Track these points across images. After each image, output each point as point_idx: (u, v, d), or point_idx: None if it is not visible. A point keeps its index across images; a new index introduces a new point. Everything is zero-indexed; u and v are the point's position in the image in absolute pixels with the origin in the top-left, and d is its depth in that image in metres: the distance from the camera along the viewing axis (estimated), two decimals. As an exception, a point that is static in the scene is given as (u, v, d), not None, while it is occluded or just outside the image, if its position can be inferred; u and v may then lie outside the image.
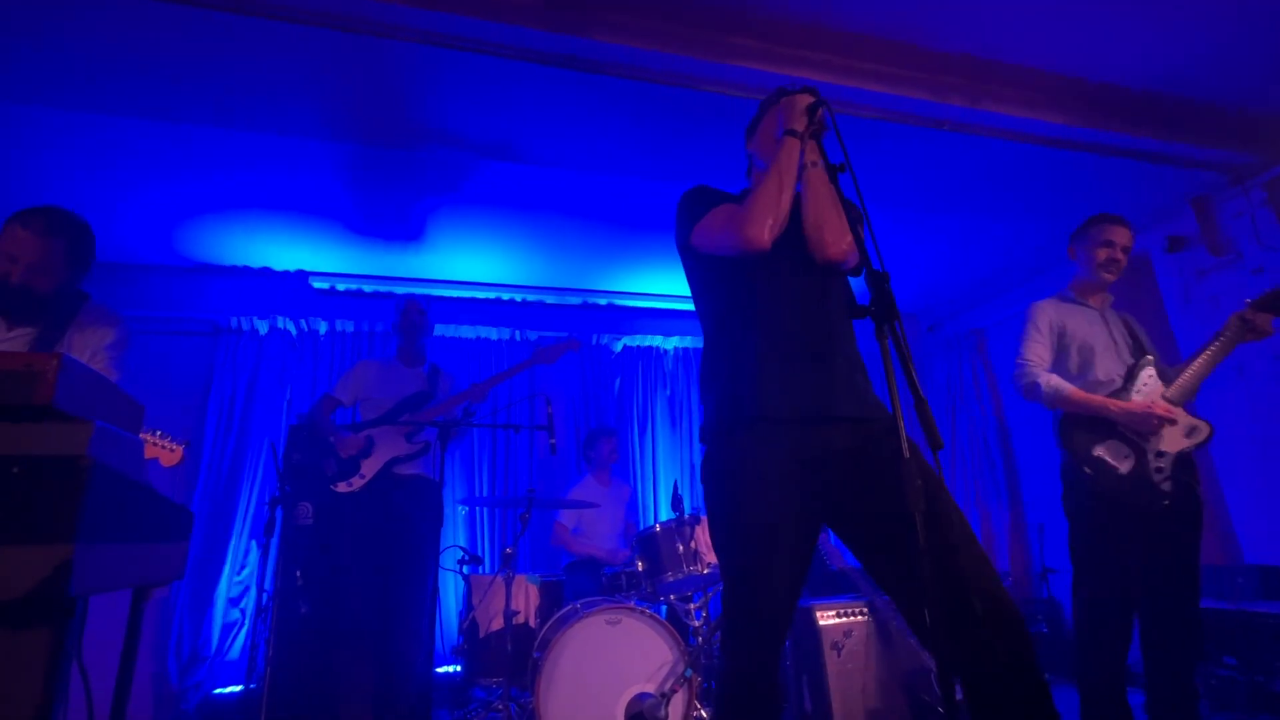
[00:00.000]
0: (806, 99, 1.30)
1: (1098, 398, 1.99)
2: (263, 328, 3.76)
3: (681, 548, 2.51)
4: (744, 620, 1.18)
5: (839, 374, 1.26)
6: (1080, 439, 1.99)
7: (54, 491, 0.83)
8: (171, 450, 1.93)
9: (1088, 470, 1.95)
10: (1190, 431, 1.96)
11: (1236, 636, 2.63)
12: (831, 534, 2.42)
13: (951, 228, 3.72)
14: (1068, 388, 2.03)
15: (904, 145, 2.82)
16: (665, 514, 4.06)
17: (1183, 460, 1.95)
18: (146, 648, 3.21)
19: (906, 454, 0.90)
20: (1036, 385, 2.06)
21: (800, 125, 1.29)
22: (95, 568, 0.87)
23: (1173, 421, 1.93)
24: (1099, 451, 1.96)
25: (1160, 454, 1.94)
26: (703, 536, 2.55)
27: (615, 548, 3.33)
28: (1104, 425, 1.98)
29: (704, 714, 2.32)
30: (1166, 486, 1.91)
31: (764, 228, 1.25)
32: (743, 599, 1.19)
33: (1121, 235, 2.15)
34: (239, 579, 3.42)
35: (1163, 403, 1.96)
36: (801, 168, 1.31)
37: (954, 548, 1.07)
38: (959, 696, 0.97)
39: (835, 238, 1.28)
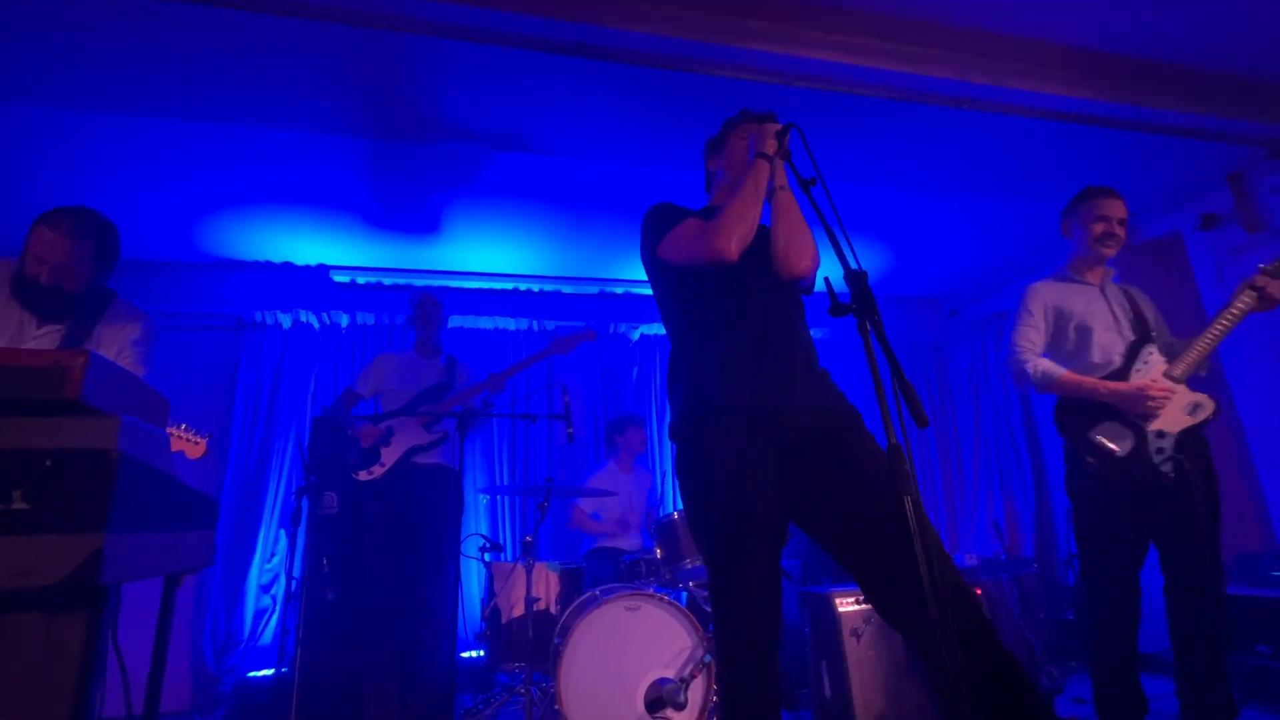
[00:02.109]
0: (776, 125, 1.41)
1: (1088, 380, 1.93)
2: (286, 321, 3.83)
3: (699, 535, 2.51)
4: (732, 609, 1.21)
5: (799, 368, 1.36)
6: (1076, 423, 1.94)
7: (84, 483, 0.86)
8: (196, 443, 1.98)
9: (1086, 455, 1.90)
10: (1193, 409, 1.88)
11: (1271, 624, 2.57)
12: None
13: (974, 209, 3.64)
14: (1058, 372, 1.97)
15: (925, 126, 2.76)
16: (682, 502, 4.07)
17: (1190, 439, 1.87)
18: (184, 633, 3.32)
19: (893, 440, 0.94)
20: (1024, 371, 2.01)
21: (771, 149, 1.40)
22: (126, 556, 0.90)
23: (1168, 397, 1.86)
24: (1096, 434, 1.90)
25: (1160, 434, 1.87)
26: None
27: (630, 534, 3.36)
28: (1102, 407, 1.92)
29: (723, 699, 2.34)
30: (1167, 468, 1.84)
31: (732, 241, 1.34)
32: (727, 586, 1.23)
33: (1115, 208, 2.07)
34: (269, 566, 3.52)
35: (1161, 381, 1.89)
36: (770, 190, 1.42)
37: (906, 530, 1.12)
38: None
39: (799, 257, 1.40)
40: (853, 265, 1.09)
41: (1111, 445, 1.88)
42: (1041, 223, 3.76)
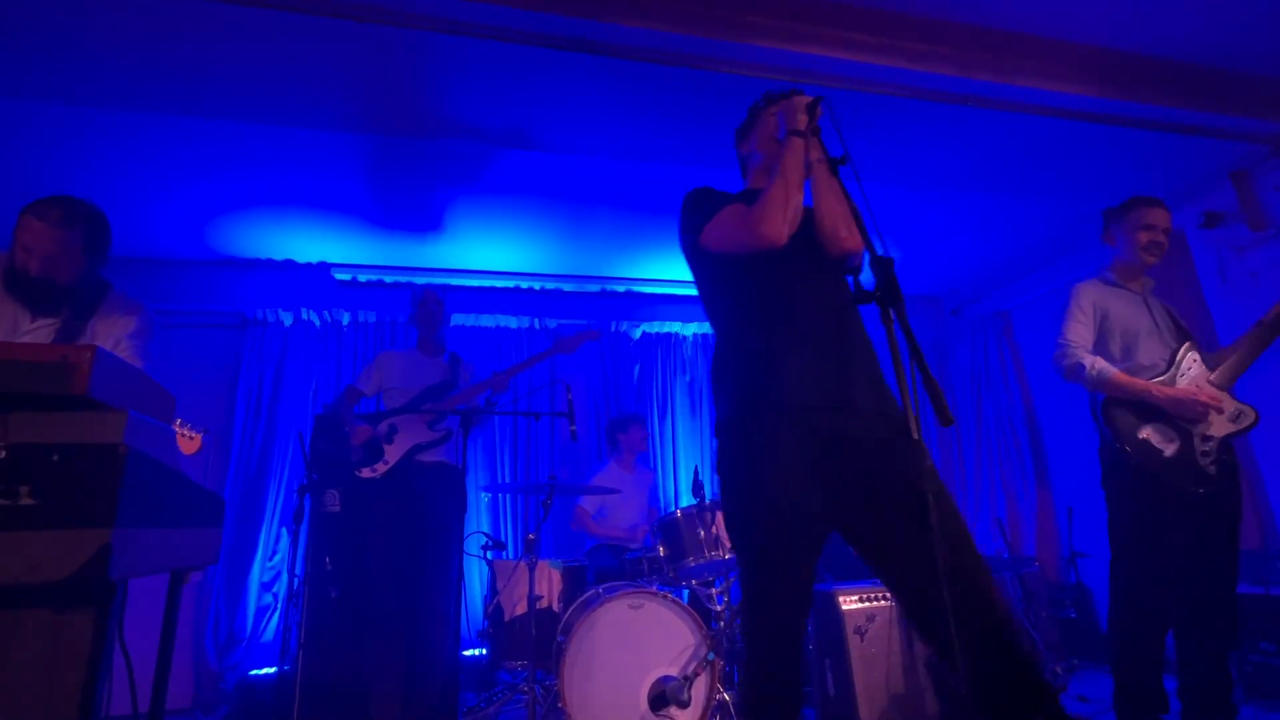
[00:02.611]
0: (805, 99, 1.35)
1: (1141, 382, 1.95)
2: (287, 319, 3.83)
3: (703, 533, 2.51)
4: (763, 608, 1.20)
5: (856, 364, 1.29)
6: (1126, 420, 1.96)
7: (92, 478, 0.86)
8: (190, 438, 1.96)
9: (1129, 451, 1.91)
10: (1236, 416, 1.93)
11: (1273, 622, 2.57)
12: None
13: (977, 207, 3.63)
14: (1112, 371, 1.99)
15: (928, 123, 2.76)
16: (686, 500, 4.08)
17: (1225, 445, 1.92)
18: (186, 631, 3.32)
19: (915, 435, 0.92)
20: (1080, 366, 2.02)
21: (802, 124, 1.34)
22: (133, 552, 0.90)
23: (1219, 408, 1.90)
24: (1144, 433, 1.93)
25: (1207, 439, 1.91)
26: (723, 522, 2.56)
27: (634, 531, 3.35)
28: (1149, 408, 1.95)
29: (726, 697, 2.34)
30: (1212, 470, 1.88)
31: (780, 225, 1.28)
32: (761, 587, 1.21)
33: (1162, 218, 2.10)
34: (271, 564, 3.52)
35: (1209, 388, 1.92)
36: (808, 165, 1.35)
37: (957, 548, 1.10)
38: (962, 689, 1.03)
39: (849, 230, 1.33)
40: (879, 250, 1.05)
41: (1159, 446, 1.91)
42: (1045, 221, 3.76)
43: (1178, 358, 2.00)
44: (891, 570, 1.20)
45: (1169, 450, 1.89)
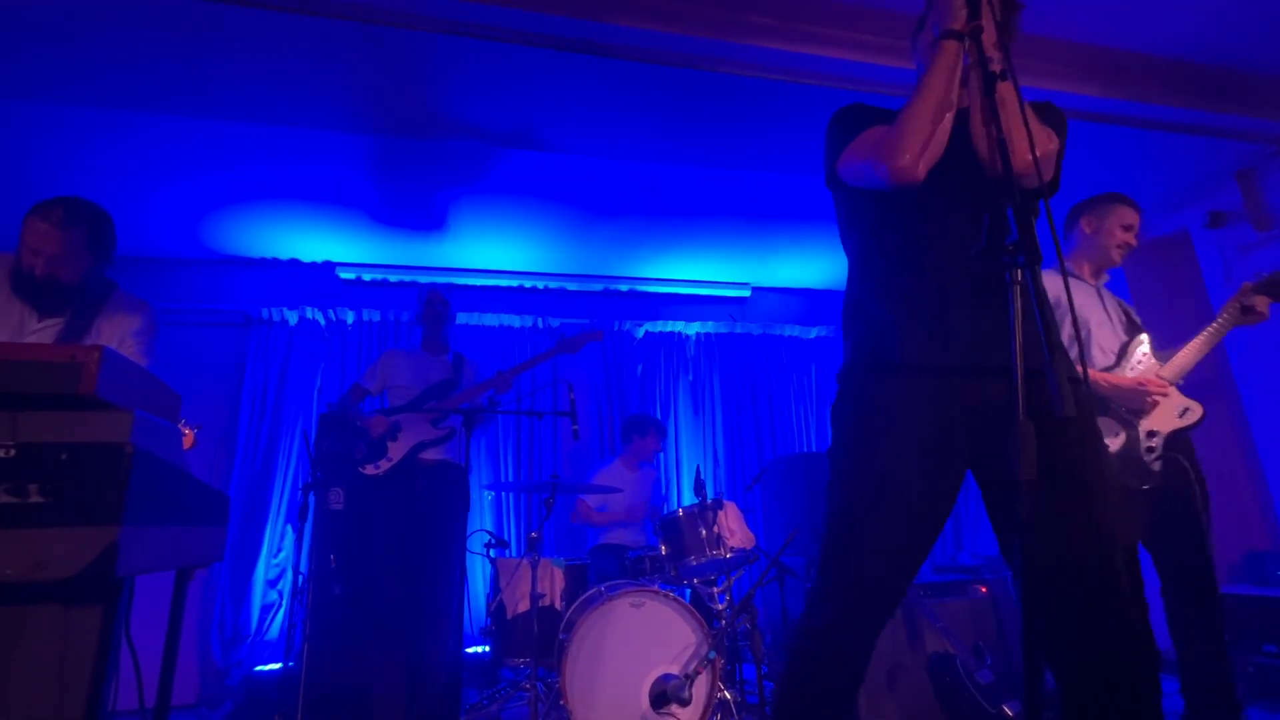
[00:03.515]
0: None
1: (1090, 371, 1.95)
2: (292, 318, 3.85)
3: (704, 532, 2.52)
4: (846, 585, 1.07)
5: (997, 319, 1.07)
6: None
7: (99, 477, 0.87)
8: (185, 433, 1.96)
9: None
10: (1183, 412, 1.91)
11: (1277, 623, 2.56)
12: None
13: (980, 207, 3.62)
14: None
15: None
16: (688, 499, 4.08)
17: (1177, 441, 1.90)
18: (192, 627, 3.34)
19: (1022, 415, 0.80)
20: None
21: (959, 23, 1.08)
22: (140, 549, 0.91)
23: (1165, 394, 1.88)
24: None
25: (1151, 433, 1.89)
26: (725, 521, 2.56)
27: (634, 509, 3.37)
28: (1095, 399, 1.93)
29: (727, 695, 2.34)
30: (1156, 466, 1.87)
31: (915, 156, 1.07)
32: (849, 561, 1.08)
33: (1137, 220, 2.09)
34: (276, 562, 3.54)
35: (1156, 378, 1.91)
36: (967, 70, 1.12)
37: (1074, 543, 0.96)
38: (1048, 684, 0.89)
39: (1019, 150, 1.04)
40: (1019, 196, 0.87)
41: (1104, 440, 1.88)
42: (1041, 219, 3.74)
43: (1128, 349, 1.99)
44: (1003, 548, 1.09)
45: (1113, 444, 1.88)
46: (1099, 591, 0.95)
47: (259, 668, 3.13)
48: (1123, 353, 1.99)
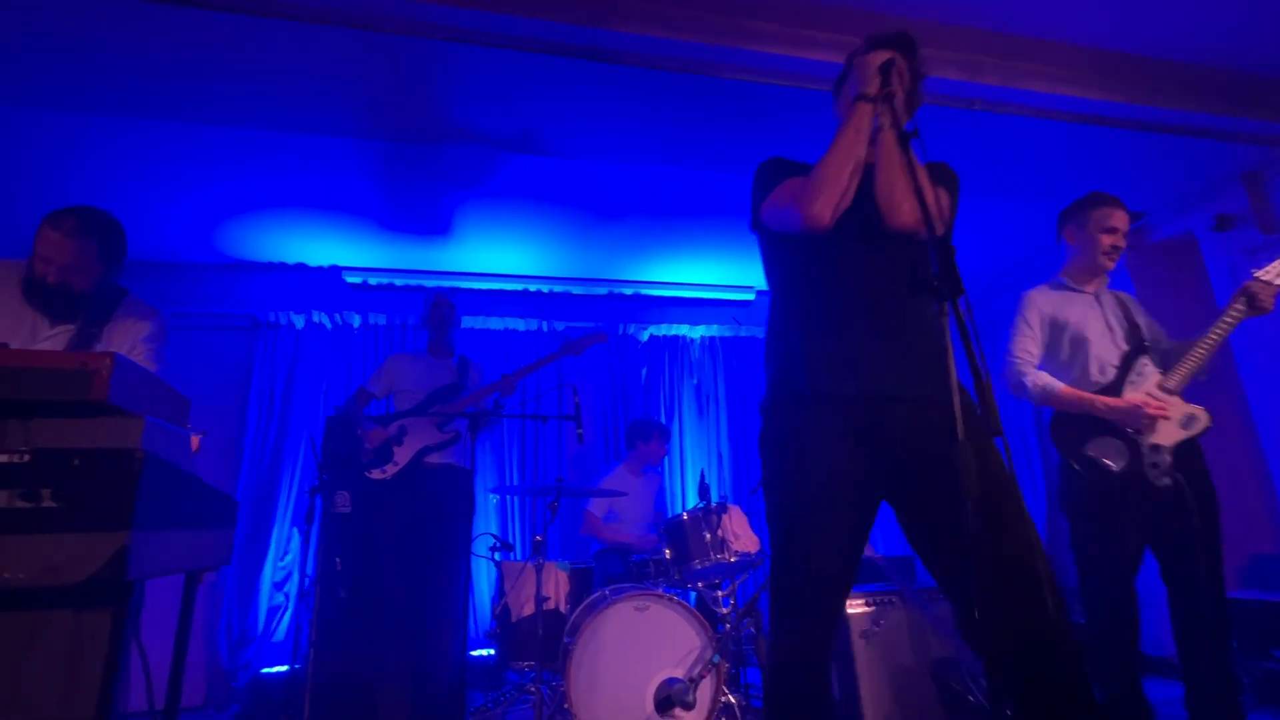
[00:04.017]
0: (880, 57, 1.21)
1: (1086, 395, 1.91)
2: (299, 322, 3.88)
3: (709, 536, 2.52)
4: (790, 597, 1.16)
5: (912, 350, 1.19)
6: (1070, 436, 1.92)
7: (110, 482, 0.89)
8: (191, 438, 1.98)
9: (1078, 468, 1.88)
10: (1187, 422, 1.87)
11: (1285, 629, 2.54)
12: None
13: (983, 211, 3.62)
14: (1056, 385, 1.95)
15: (936, 127, 2.75)
16: (692, 502, 4.08)
17: (1184, 450, 1.86)
18: (199, 629, 3.37)
19: (961, 437, 0.86)
20: (1023, 383, 1.99)
21: (873, 88, 1.20)
22: (150, 553, 0.93)
23: (1165, 415, 1.84)
24: (1090, 449, 1.88)
25: (1156, 448, 1.85)
26: (729, 525, 2.56)
27: (644, 534, 3.36)
28: (1096, 421, 1.90)
29: (732, 699, 2.34)
30: (1164, 482, 1.83)
31: (824, 204, 1.18)
32: (789, 576, 1.17)
33: (1124, 220, 2.04)
34: (282, 564, 3.56)
35: (1156, 395, 1.87)
36: (876, 130, 1.23)
37: (1006, 549, 1.03)
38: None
39: (911, 204, 1.17)
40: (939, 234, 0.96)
41: (1107, 461, 1.86)
42: (1051, 225, 3.74)
43: (1129, 362, 1.95)
44: (933, 565, 1.16)
45: (1117, 465, 1.85)
46: (1025, 591, 1.03)
47: (265, 670, 3.15)
48: (1124, 365, 1.95)
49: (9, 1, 1.96)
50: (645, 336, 4.43)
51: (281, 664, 3.20)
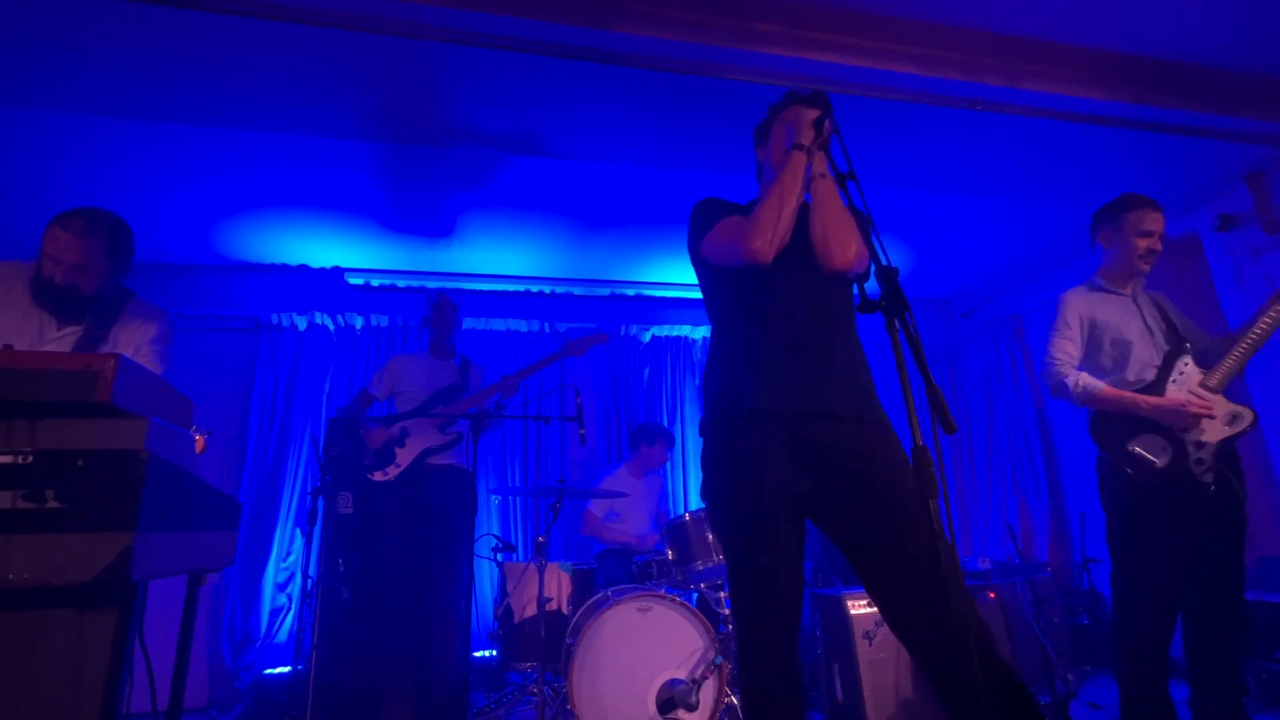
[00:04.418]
0: (813, 113, 1.34)
1: (1129, 394, 1.92)
2: (301, 323, 3.88)
3: (710, 536, 2.52)
4: (750, 612, 1.24)
5: (839, 372, 1.32)
6: (1114, 434, 1.93)
7: (114, 483, 0.89)
8: (195, 439, 1.98)
9: (1125, 466, 1.89)
10: (1232, 419, 1.88)
11: (1290, 630, 2.53)
12: None
13: (989, 210, 3.62)
14: (1097, 385, 1.95)
15: (938, 127, 2.75)
16: (694, 503, 4.08)
17: (1223, 449, 1.87)
18: (202, 630, 3.37)
19: (918, 442, 0.93)
20: (1064, 385, 1.99)
21: (807, 139, 1.33)
22: (154, 554, 0.93)
23: (1210, 414, 1.85)
24: (1135, 446, 1.89)
25: (1200, 444, 1.86)
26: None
27: (646, 534, 3.36)
28: (1138, 419, 1.91)
29: (734, 700, 2.34)
30: (1208, 478, 1.84)
31: (766, 242, 1.30)
32: (746, 590, 1.24)
33: (1159, 222, 2.04)
34: (285, 565, 3.56)
35: (1199, 394, 1.88)
36: (810, 179, 1.36)
37: (922, 557, 1.15)
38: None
39: (841, 248, 1.31)
40: (884, 261, 1.08)
41: (1151, 457, 1.87)
42: (1056, 223, 3.74)
43: (1170, 362, 1.95)
44: (867, 576, 1.25)
45: (1161, 461, 1.85)
46: (938, 586, 1.10)
47: (268, 671, 3.15)
48: (1165, 366, 1.96)
49: (9, 2, 1.96)
50: (647, 337, 4.43)
51: (284, 665, 3.21)
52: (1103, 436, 1.95)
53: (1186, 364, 1.95)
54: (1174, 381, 1.93)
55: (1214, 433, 1.87)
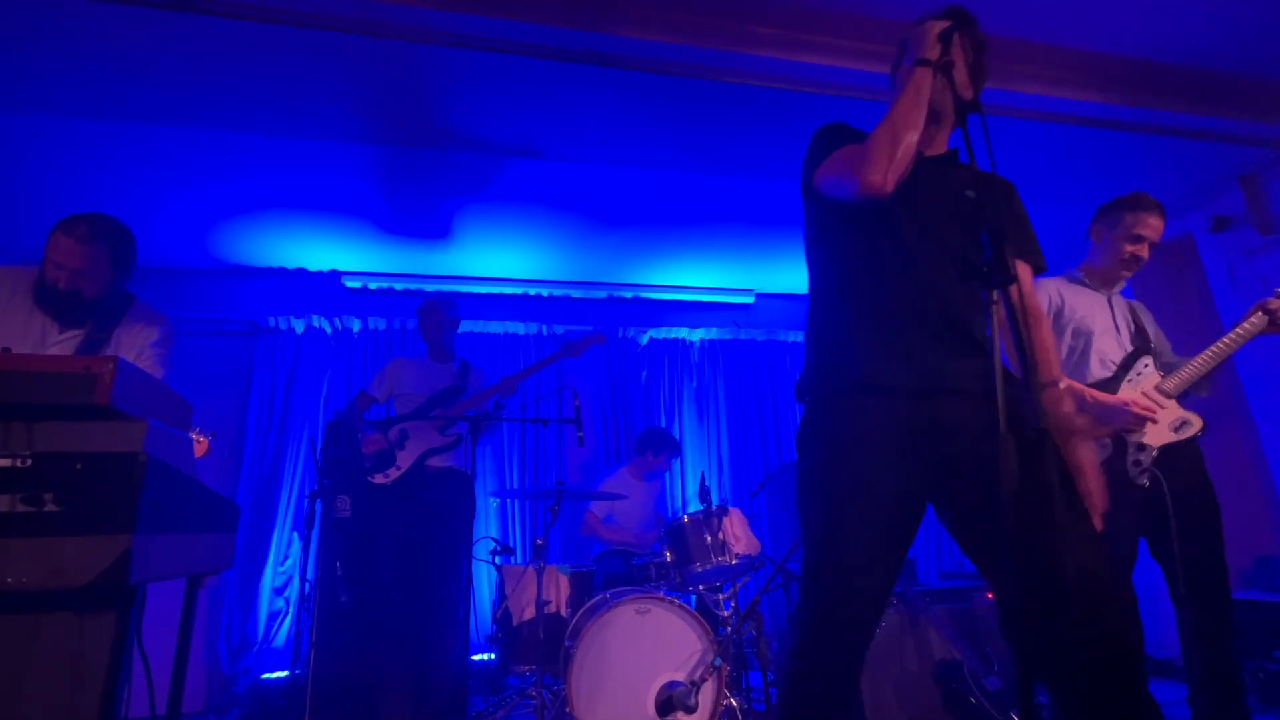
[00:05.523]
0: (939, 25, 1.16)
1: (1079, 385, 1.90)
2: (299, 327, 3.88)
3: (709, 538, 2.52)
4: (822, 604, 1.09)
5: (967, 337, 1.13)
6: None
7: (113, 486, 0.89)
8: (199, 441, 1.99)
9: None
10: (1179, 425, 1.87)
11: (1287, 629, 2.54)
12: None
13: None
14: None
15: (932, 129, 2.77)
16: (693, 505, 4.08)
17: (1175, 453, 1.85)
18: (199, 634, 3.36)
19: (1003, 429, 0.82)
20: None
21: (933, 54, 1.14)
22: (152, 557, 0.93)
23: (1153, 418, 1.83)
24: None
25: (1141, 447, 1.85)
26: (730, 528, 2.56)
27: (644, 534, 3.36)
28: (1084, 412, 1.88)
29: (733, 702, 2.34)
30: (1143, 480, 1.83)
31: (882, 171, 1.10)
32: (824, 581, 1.09)
33: (1156, 228, 2.00)
34: (282, 569, 3.55)
35: (1151, 396, 1.87)
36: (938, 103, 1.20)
37: (1055, 538, 0.98)
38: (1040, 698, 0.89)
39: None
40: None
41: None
42: (1050, 226, 3.74)
43: (1130, 361, 1.94)
44: (982, 563, 1.11)
45: (1099, 456, 1.82)
46: (1094, 597, 0.97)
47: (266, 675, 3.14)
48: (1125, 364, 1.95)
49: (3, 6, 1.96)
50: (645, 340, 4.44)
51: (282, 669, 3.19)
52: None
53: (1146, 365, 1.94)
54: (1130, 381, 1.92)
55: (1156, 437, 1.85)
